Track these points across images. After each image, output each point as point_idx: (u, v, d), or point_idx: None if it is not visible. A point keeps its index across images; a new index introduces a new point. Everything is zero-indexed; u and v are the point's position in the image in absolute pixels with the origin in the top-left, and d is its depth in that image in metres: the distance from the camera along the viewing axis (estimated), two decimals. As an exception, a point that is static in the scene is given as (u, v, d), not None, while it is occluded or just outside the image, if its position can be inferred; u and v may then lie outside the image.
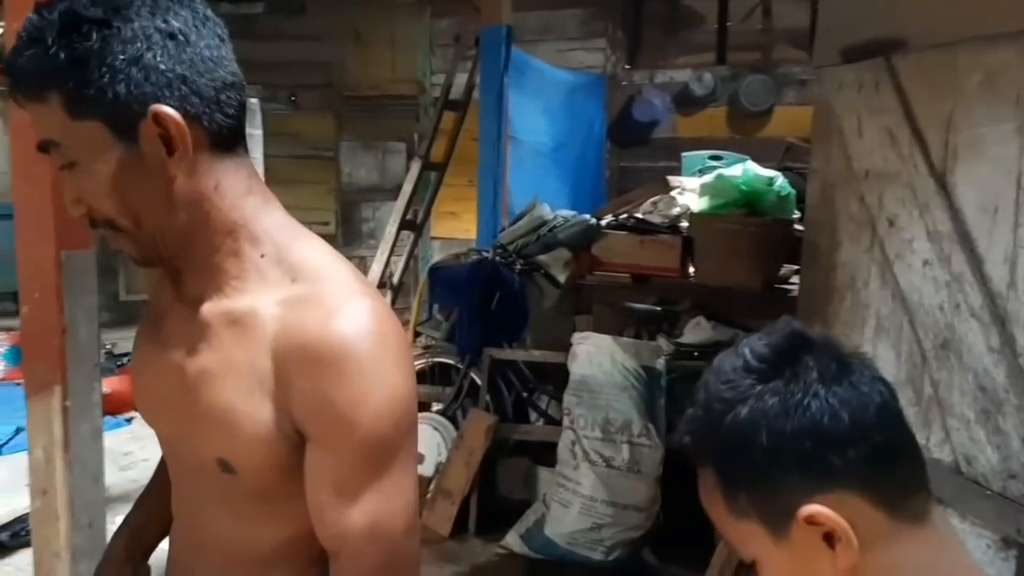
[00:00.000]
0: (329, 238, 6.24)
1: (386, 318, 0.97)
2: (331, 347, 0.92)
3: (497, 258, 4.43)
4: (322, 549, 0.99)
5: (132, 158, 0.93)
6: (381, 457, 0.94)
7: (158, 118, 0.91)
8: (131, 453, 5.01)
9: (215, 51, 0.95)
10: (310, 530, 0.99)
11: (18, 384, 6.12)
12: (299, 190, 7.88)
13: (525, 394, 4.39)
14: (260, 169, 8.93)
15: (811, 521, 0.73)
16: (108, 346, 6.01)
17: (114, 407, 5.20)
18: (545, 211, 4.69)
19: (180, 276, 1.05)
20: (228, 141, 0.98)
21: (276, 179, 8.04)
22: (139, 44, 0.89)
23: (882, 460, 0.74)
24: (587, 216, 4.75)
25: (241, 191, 1.00)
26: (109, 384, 4.05)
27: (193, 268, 1.02)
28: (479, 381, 4.26)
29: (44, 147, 0.95)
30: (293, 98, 7.76)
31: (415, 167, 5.30)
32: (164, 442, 1.15)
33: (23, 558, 3.65)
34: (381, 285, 5.21)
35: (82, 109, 0.90)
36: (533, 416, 4.44)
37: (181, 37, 0.92)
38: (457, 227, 6.63)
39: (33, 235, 2.27)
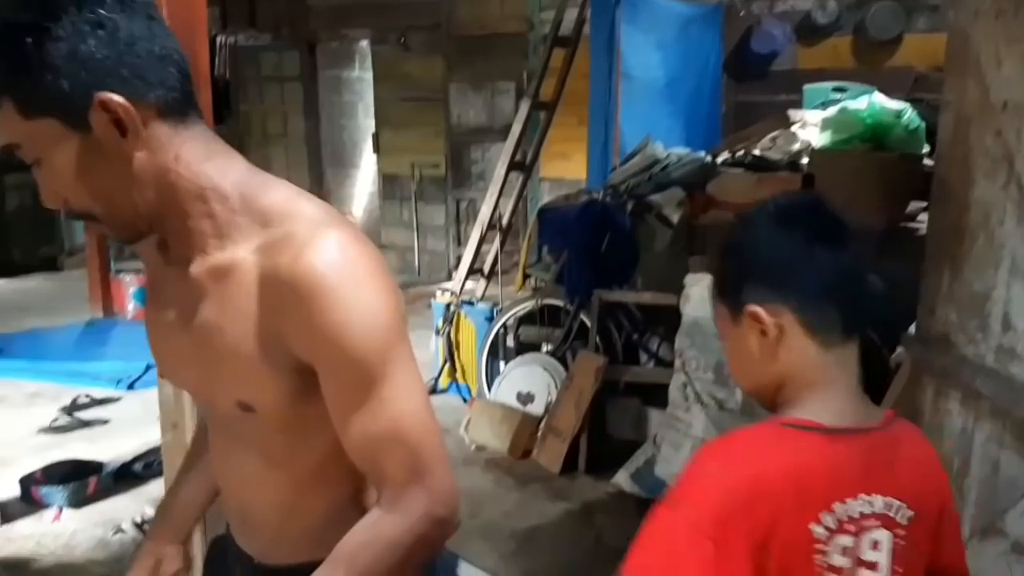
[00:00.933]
0: (439, 180, 6.35)
1: (351, 243, 1.02)
2: (306, 281, 0.99)
3: (608, 199, 4.38)
4: (351, 468, 1.09)
5: (89, 146, 0.99)
6: (378, 370, 1.02)
7: (104, 104, 0.97)
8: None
9: (145, 30, 0.99)
10: (338, 452, 1.08)
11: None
12: (409, 133, 7.97)
13: (635, 336, 4.37)
14: (370, 112, 9.06)
15: (753, 316, 1.08)
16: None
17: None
18: (658, 149, 4.60)
19: (165, 244, 1.12)
20: (177, 111, 1.03)
21: (386, 122, 8.20)
22: (73, 39, 0.95)
23: (820, 303, 1.07)
24: (702, 154, 4.64)
25: (201, 156, 1.05)
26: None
27: (174, 235, 1.09)
28: (588, 323, 4.26)
29: (8, 150, 1.02)
30: (403, 40, 7.80)
31: (524, 107, 5.25)
32: (194, 398, 1.26)
33: (156, 488, 3.90)
34: (491, 227, 5.23)
35: (32, 109, 0.97)
36: (643, 358, 4.42)
37: (110, 24, 0.96)
38: (567, 168, 6.55)
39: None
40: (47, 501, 3.65)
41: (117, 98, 0.97)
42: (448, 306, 4.96)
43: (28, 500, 3.67)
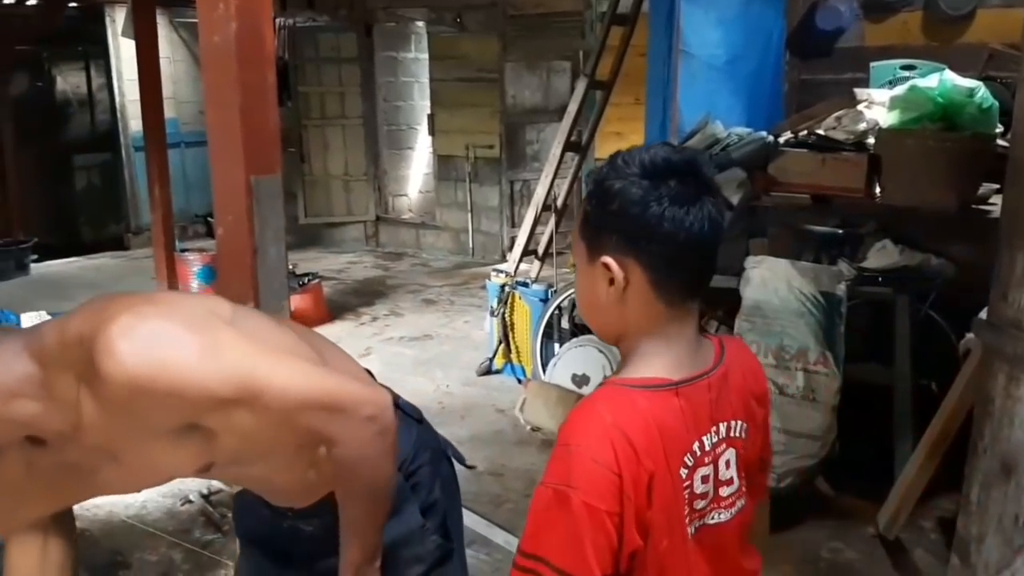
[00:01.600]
0: (494, 161, 6.33)
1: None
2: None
3: (666, 179, 4.31)
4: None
5: None
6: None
7: None
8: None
9: None
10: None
11: (213, 300, 6.67)
12: (464, 113, 7.96)
13: (694, 318, 4.31)
14: (425, 93, 9.04)
15: (605, 266, 1.17)
16: (291, 266, 6.39)
17: (298, 322, 5.53)
18: (718, 129, 4.51)
19: None
20: None
21: (442, 103, 8.21)
22: None
23: (670, 268, 1.16)
24: (763, 133, 4.53)
25: None
26: (292, 301, 4.30)
27: None
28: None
29: None
30: (458, 20, 7.78)
31: (580, 86, 5.20)
32: None
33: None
34: (546, 208, 5.21)
35: None
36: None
37: None
38: (623, 147, 6.47)
39: (226, 161, 2.39)
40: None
41: None
42: (503, 287, 4.96)
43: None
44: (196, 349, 1.14)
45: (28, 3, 7.27)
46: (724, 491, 1.25)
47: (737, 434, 1.26)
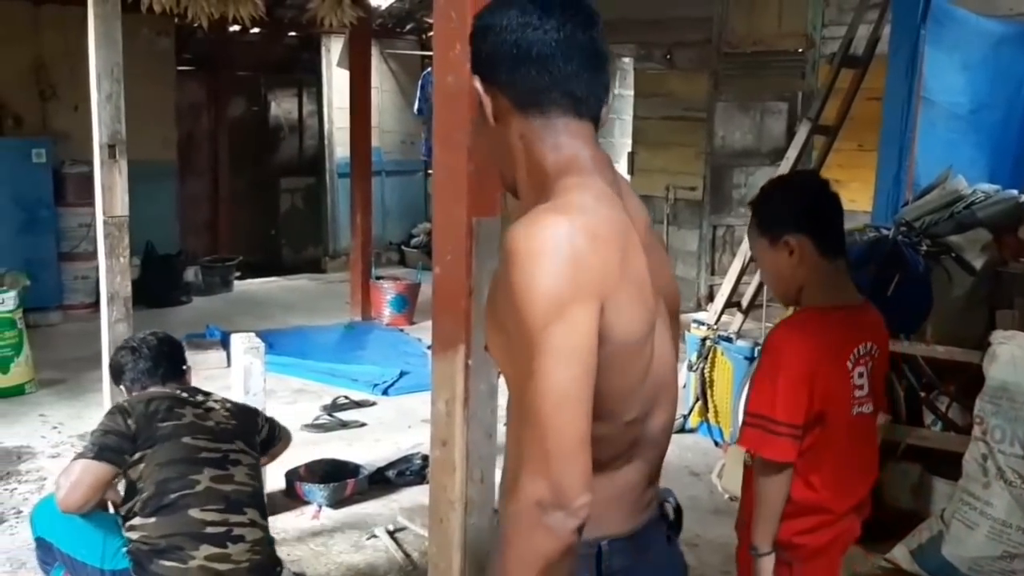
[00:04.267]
0: (696, 204, 6.07)
1: (552, 225, 1.16)
2: (505, 246, 1.18)
3: (900, 237, 3.94)
4: None
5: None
6: (536, 339, 1.15)
7: None
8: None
9: None
10: None
11: (401, 330, 6.77)
12: (666, 152, 7.74)
13: (922, 393, 3.90)
14: (626, 130, 8.90)
15: (786, 243, 1.96)
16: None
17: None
18: (960, 184, 4.08)
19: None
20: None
21: (643, 141, 8.03)
22: None
23: (826, 234, 1.97)
24: (1015, 192, 4.07)
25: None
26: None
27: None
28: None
29: None
30: (668, 56, 7.59)
31: (803, 130, 4.87)
32: None
33: (406, 496, 3.95)
34: (752, 259, 4.89)
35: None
36: (928, 418, 3.94)
37: None
38: (843, 196, 6.03)
39: (450, 200, 2.32)
40: (308, 498, 3.79)
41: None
42: (704, 340, 4.68)
43: (291, 495, 3.83)
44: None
45: (252, 31, 7.75)
46: (861, 393, 1.99)
47: (874, 354, 2.02)
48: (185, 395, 2.76)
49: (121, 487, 2.68)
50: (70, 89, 6.79)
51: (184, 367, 2.95)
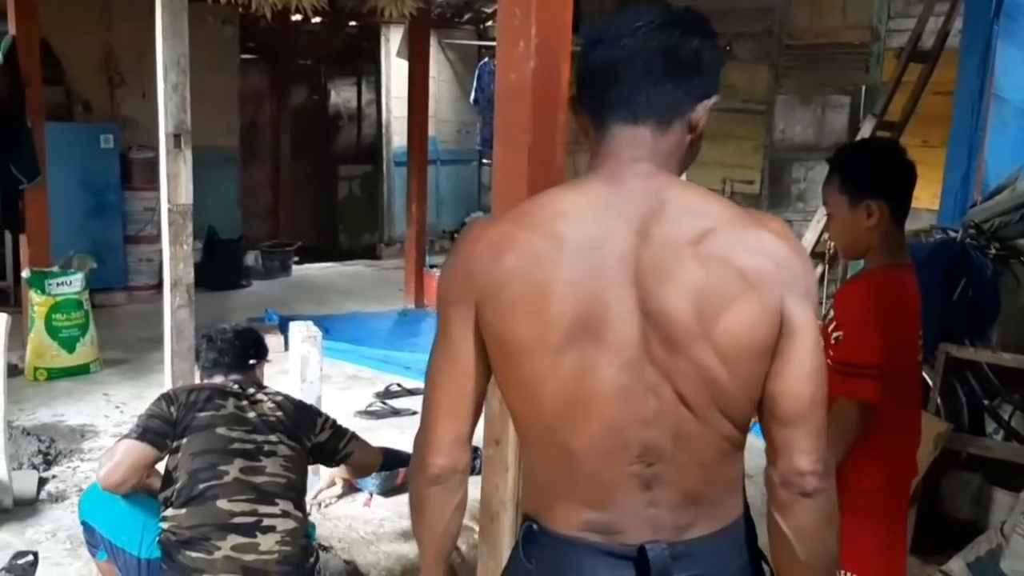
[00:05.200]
0: (753, 198, 5.95)
1: (484, 225, 1.34)
2: None
3: (967, 239, 3.83)
4: None
5: None
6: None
7: None
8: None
9: None
10: None
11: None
12: (723, 146, 7.61)
13: (985, 402, 3.79)
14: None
15: (867, 207, 2.10)
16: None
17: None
18: (1032, 186, 3.96)
19: None
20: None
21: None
22: None
23: (902, 203, 2.17)
24: (1090, 195, 3.93)
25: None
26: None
27: None
28: (930, 381, 3.74)
29: None
30: (728, 47, 7.46)
31: (867, 125, 4.78)
32: None
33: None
34: (815, 255, 4.81)
35: None
36: (990, 427, 3.83)
37: None
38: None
39: (509, 198, 2.31)
40: (360, 485, 3.82)
41: None
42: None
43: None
44: None
45: (313, 21, 7.83)
46: (920, 343, 2.21)
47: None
48: (235, 388, 2.73)
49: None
50: (138, 76, 6.95)
51: (251, 362, 2.92)
